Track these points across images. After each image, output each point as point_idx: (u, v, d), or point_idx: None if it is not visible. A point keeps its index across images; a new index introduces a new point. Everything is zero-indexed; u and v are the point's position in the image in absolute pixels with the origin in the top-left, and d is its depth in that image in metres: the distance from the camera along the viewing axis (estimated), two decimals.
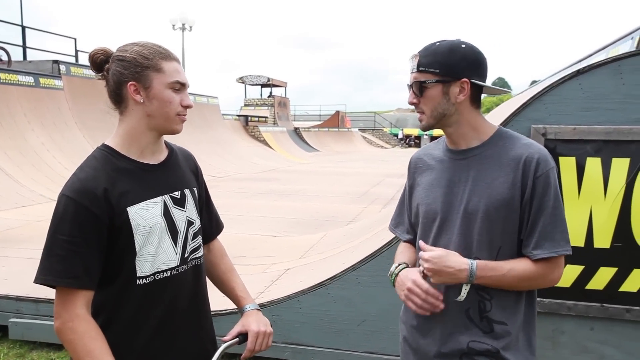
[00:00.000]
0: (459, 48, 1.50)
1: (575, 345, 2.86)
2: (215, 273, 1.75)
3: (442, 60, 1.49)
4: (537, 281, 1.51)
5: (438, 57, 1.50)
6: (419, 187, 1.68)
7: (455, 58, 1.49)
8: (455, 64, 1.49)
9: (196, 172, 1.68)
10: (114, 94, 1.46)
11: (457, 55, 1.49)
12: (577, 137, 2.65)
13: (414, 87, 1.54)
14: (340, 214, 8.67)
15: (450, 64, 1.49)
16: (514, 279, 1.48)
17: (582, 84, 2.66)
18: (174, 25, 25.52)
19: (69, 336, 1.34)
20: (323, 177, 15.39)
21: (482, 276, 1.46)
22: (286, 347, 3.40)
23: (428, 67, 1.50)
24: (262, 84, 33.43)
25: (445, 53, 1.49)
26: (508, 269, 1.48)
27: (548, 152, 1.52)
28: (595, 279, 2.73)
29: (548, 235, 1.47)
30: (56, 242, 1.34)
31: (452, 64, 1.49)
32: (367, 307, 3.23)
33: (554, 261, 1.50)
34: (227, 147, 19.30)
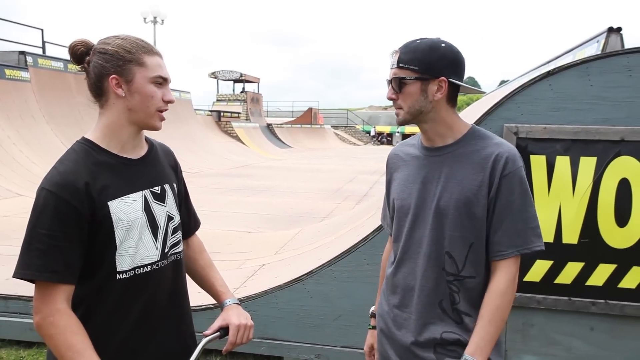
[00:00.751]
0: (439, 47, 1.54)
1: (544, 338, 2.96)
2: (194, 269, 1.75)
3: (422, 58, 1.52)
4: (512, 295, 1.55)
5: (418, 54, 1.53)
6: (395, 183, 1.73)
7: (434, 56, 1.53)
8: (435, 63, 1.52)
9: (175, 168, 1.69)
10: (94, 87, 1.45)
11: (436, 54, 1.53)
12: (547, 136, 2.73)
13: (393, 82, 1.58)
14: (315, 210, 8.70)
15: (430, 62, 1.52)
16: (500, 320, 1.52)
17: (552, 84, 2.74)
18: (145, 18, 25.06)
19: (49, 331, 1.33)
20: (296, 174, 15.39)
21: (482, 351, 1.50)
22: (262, 342, 3.42)
23: (408, 63, 1.53)
24: (234, 80, 33.21)
25: (426, 51, 1.53)
26: (487, 318, 1.52)
27: (518, 152, 1.57)
28: (563, 274, 2.83)
29: (519, 233, 1.52)
30: (36, 236, 1.32)
31: (431, 62, 1.52)
32: (343, 302, 3.27)
33: (518, 260, 1.55)
34: (200, 143, 19.12)
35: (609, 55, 2.69)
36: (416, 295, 1.63)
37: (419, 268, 1.62)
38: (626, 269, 2.76)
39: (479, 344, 1.51)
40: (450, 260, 1.57)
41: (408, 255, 1.66)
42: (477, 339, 1.51)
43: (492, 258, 1.56)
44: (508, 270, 1.54)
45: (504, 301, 1.52)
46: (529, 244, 1.53)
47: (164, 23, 25.08)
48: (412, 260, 1.64)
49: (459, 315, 1.59)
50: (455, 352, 1.57)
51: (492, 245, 1.55)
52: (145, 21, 25.04)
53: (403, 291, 1.67)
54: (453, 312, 1.59)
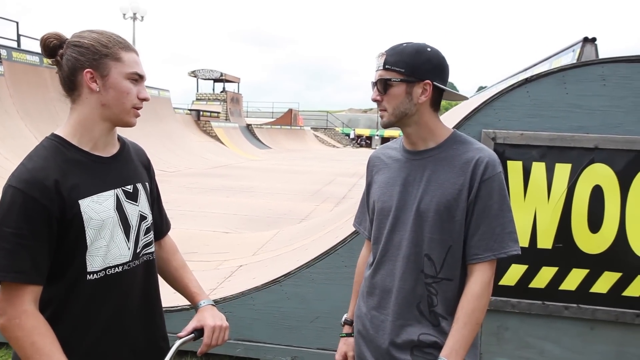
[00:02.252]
0: (425, 51, 1.56)
1: (518, 341, 3.00)
2: (167, 270, 1.72)
3: (408, 61, 1.54)
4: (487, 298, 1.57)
5: (404, 57, 1.55)
6: (375, 185, 1.74)
7: (420, 60, 1.54)
8: (420, 66, 1.54)
9: (148, 167, 1.66)
10: (67, 81, 1.41)
11: (422, 57, 1.55)
12: (523, 142, 2.77)
13: (378, 84, 1.59)
14: (293, 211, 8.69)
15: (416, 65, 1.54)
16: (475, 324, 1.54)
17: (530, 91, 2.79)
18: (124, 14, 24.72)
19: (15, 333, 1.29)
20: (275, 175, 15.35)
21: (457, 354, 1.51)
22: (238, 344, 3.39)
23: (394, 65, 1.55)
24: (214, 79, 33.00)
25: (412, 54, 1.55)
26: (462, 321, 1.54)
27: (497, 157, 1.60)
28: (537, 278, 2.87)
29: (496, 237, 1.54)
30: (2, 235, 1.28)
31: (417, 65, 1.54)
32: (320, 304, 3.27)
33: (494, 264, 1.57)
34: (178, 142, 18.94)
35: (585, 64, 2.74)
36: (394, 297, 1.63)
37: (397, 270, 1.63)
38: (598, 274, 2.81)
39: (454, 346, 1.52)
40: (429, 263, 1.58)
41: (387, 257, 1.67)
42: (452, 342, 1.53)
43: (468, 261, 1.57)
44: (484, 274, 1.56)
45: (479, 304, 1.54)
46: (505, 249, 1.55)
47: (143, 20, 24.79)
48: (391, 262, 1.65)
49: (436, 318, 1.60)
50: (432, 354, 1.58)
51: (469, 249, 1.57)
52: (124, 17, 24.70)
53: (381, 293, 1.68)
54: (430, 314, 1.60)
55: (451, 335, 1.54)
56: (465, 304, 1.54)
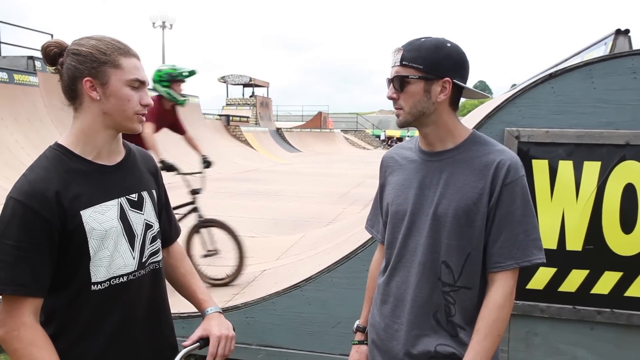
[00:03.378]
0: (445, 46, 1.48)
1: (548, 347, 2.88)
2: (175, 276, 1.70)
3: (427, 57, 1.46)
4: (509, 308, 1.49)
5: (423, 52, 1.46)
6: (389, 187, 1.66)
7: (440, 56, 1.46)
8: (440, 62, 1.46)
9: (155, 174, 1.63)
10: (68, 90, 1.40)
11: (442, 53, 1.46)
12: (549, 140, 2.66)
13: (394, 81, 1.51)
14: (320, 214, 8.64)
15: (435, 61, 1.46)
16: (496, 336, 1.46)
17: (555, 87, 2.67)
18: (154, 23, 25.19)
19: (14, 345, 1.28)
20: (304, 178, 15.34)
21: None
22: (260, 350, 3.36)
23: (412, 61, 1.47)
24: (244, 84, 33.28)
25: (431, 49, 1.46)
26: (483, 333, 1.45)
27: (520, 160, 1.51)
28: (567, 282, 2.75)
29: (519, 244, 1.45)
30: (2, 247, 1.27)
31: (436, 61, 1.46)
32: (341, 309, 3.21)
33: (516, 273, 1.49)
34: (208, 147, 19.00)
35: (613, 57, 2.61)
36: (409, 305, 1.56)
37: (412, 277, 1.56)
38: (633, 277, 2.67)
39: (475, 358, 1.44)
40: (447, 270, 1.51)
41: (402, 263, 1.59)
42: (472, 354, 1.45)
43: (489, 269, 1.49)
44: (506, 283, 1.47)
45: (501, 315, 1.46)
46: (529, 257, 1.46)
47: (172, 28, 25.22)
48: (406, 268, 1.58)
49: (454, 328, 1.52)
50: None
51: (490, 257, 1.48)
52: (154, 26, 25.18)
53: (395, 301, 1.61)
54: (448, 324, 1.52)
55: (471, 347, 1.46)
56: (486, 314, 1.46)
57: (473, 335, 1.47)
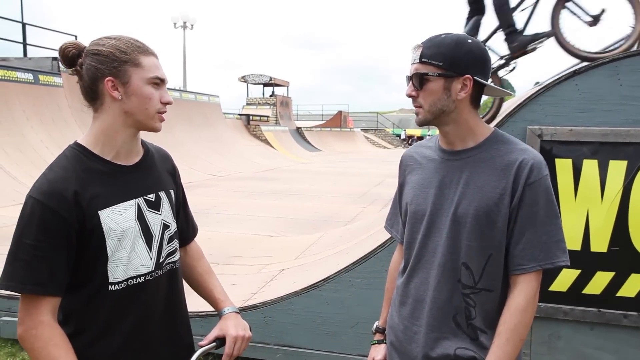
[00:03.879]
0: (466, 42, 1.44)
1: (572, 351, 2.81)
2: (192, 276, 1.69)
3: (447, 53, 1.42)
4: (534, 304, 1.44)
5: (443, 49, 1.42)
6: (408, 186, 1.63)
7: (460, 52, 1.42)
8: (460, 59, 1.42)
9: (173, 173, 1.63)
10: (88, 90, 1.39)
11: (463, 50, 1.42)
12: (573, 138, 2.60)
13: (414, 79, 1.47)
14: (339, 214, 8.62)
15: (455, 58, 1.42)
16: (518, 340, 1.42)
17: (579, 84, 2.61)
18: (175, 23, 25.48)
19: (32, 344, 1.28)
20: (324, 177, 15.34)
21: None
22: (278, 349, 3.35)
23: (432, 58, 1.43)
24: (264, 83, 33.39)
25: (451, 46, 1.42)
26: (505, 337, 1.41)
27: (543, 159, 1.46)
28: (592, 284, 2.69)
29: (542, 246, 1.41)
30: (21, 246, 1.28)
31: (457, 58, 1.42)
32: (360, 309, 3.18)
33: (539, 275, 1.44)
34: (228, 146, 19.26)
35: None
36: (428, 307, 1.53)
37: (432, 278, 1.52)
38: None
39: None
40: (467, 272, 1.47)
41: (421, 264, 1.56)
42: (492, 359, 1.41)
43: (511, 272, 1.45)
44: (528, 286, 1.42)
45: (523, 319, 1.41)
46: (552, 259, 1.41)
47: (193, 28, 25.45)
48: (425, 269, 1.55)
49: (475, 331, 1.48)
50: None
51: (512, 259, 1.44)
52: (175, 26, 25.45)
53: (414, 302, 1.58)
54: (468, 327, 1.48)
55: (492, 351, 1.42)
56: (508, 318, 1.42)
57: (494, 340, 1.43)
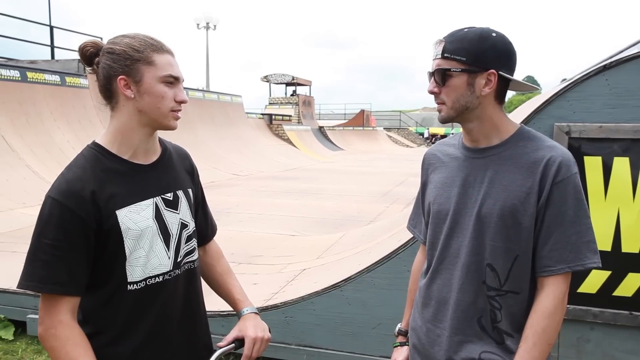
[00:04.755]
0: (490, 36, 1.38)
1: (602, 355, 2.72)
2: (211, 276, 1.68)
3: (470, 48, 1.37)
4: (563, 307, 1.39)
5: (466, 44, 1.38)
6: (431, 185, 1.59)
7: (484, 46, 1.37)
8: (484, 53, 1.37)
9: (192, 172, 1.61)
10: (104, 89, 1.39)
11: (486, 44, 1.37)
12: (603, 135, 2.51)
13: (436, 75, 1.42)
14: (361, 213, 8.56)
15: (479, 53, 1.37)
16: (546, 344, 1.37)
17: (609, 79, 2.52)
18: (198, 24, 25.71)
19: (51, 343, 1.29)
20: (346, 176, 15.29)
21: None
22: (300, 350, 3.33)
23: (454, 53, 1.38)
24: (286, 83, 33.46)
25: (474, 40, 1.37)
26: (532, 341, 1.36)
27: (572, 156, 1.40)
28: (623, 285, 2.60)
29: (571, 247, 1.35)
30: (40, 246, 1.28)
31: (480, 52, 1.37)
32: (382, 310, 3.14)
33: (568, 277, 1.39)
34: (251, 146, 19.34)
35: None
36: (451, 310, 1.48)
37: (455, 280, 1.48)
38: None
39: None
40: (493, 274, 1.42)
41: (444, 265, 1.51)
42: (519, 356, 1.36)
43: (539, 274, 1.39)
44: (557, 288, 1.37)
45: (551, 322, 1.36)
46: (582, 260, 1.35)
47: (216, 28, 25.64)
48: (448, 271, 1.50)
49: (500, 335, 1.43)
50: None
51: (540, 260, 1.38)
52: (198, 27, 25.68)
53: (437, 304, 1.53)
54: (493, 330, 1.43)
55: (519, 355, 1.36)
56: (536, 321, 1.36)
57: (521, 344, 1.38)
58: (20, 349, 3.82)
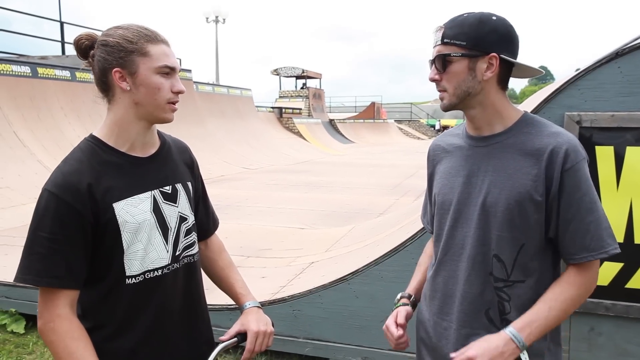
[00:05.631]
0: (490, 20, 1.35)
1: (614, 348, 2.68)
2: (213, 270, 1.67)
3: (470, 32, 1.34)
4: (584, 295, 1.37)
5: (465, 28, 1.35)
6: (437, 176, 1.56)
7: (484, 30, 1.34)
8: (484, 37, 1.34)
9: (191, 165, 1.59)
10: (100, 82, 1.37)
11: (486, 27, 1.35)
12: (615, 124, 2.45)
13: (436, 61, 1.40)
14: (371, 206, 8.52)
15: (479, 37, 1.34)
16: (562, 311, 1.35)
17: (622, 67, 2.45)
18: (207, 17, 25.70)
19: (50, 337, 1.28)
20: (356, 169, 15.24)
21: (529, 333, 1.33)
22: (307, 343, 3.32)
23: (454, 39, 1.36)
24: (296, 76, 33.38)
25: (474, 24, 1.35)
26: (548, 307, 1.34)
27: (579, 141, 1.36)
28: (636, 278, 2.55)
29: (592, 235, 1.33)
30: (37, 239, 1.27)
31: (480, 36, 1.34)
32: (390, 303, 3.07)
33: (595, 264, 1.36)
34: (261, 139, 19.35)
35: None
36: (458, 302, 1.46)
37: (461, 272, 1.45)
38: None
39: (530, 323, 1.33)
40: (499, 265, 1.39)
41: (448, 257, 1.49)
42: (529, 318, 1.34)
43: (566, 262, 1.39)
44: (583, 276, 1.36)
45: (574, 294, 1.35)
46: (605, 247, 1.33)
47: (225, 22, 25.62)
48: (453, 262, 1.48)
49: None
50: None
51: (563, 249, 1.37)
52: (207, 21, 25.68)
53: (443, 297, 1.51)
54: (502, 322, 1.40)
55: (531, 311, 1.35)
56: (558, 288, 1.35)
57: (536, 303, 1.36)
58: (31, 342, 3.86)
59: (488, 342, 1.33)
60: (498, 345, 1.31)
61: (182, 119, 12.95)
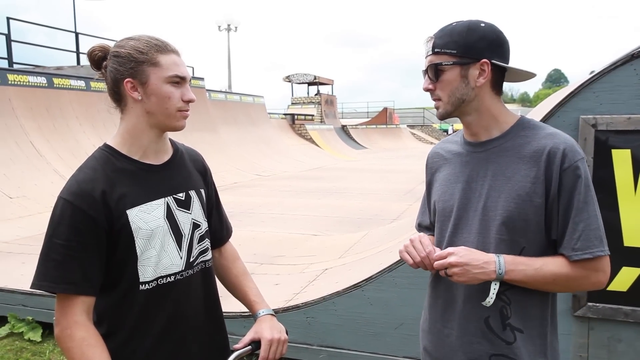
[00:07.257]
0: (478, 27, 1.38)
1: (635, 355, 2.63)
2: (227, 278, 1.67)
3: (459, 40, 1.37)
4: (576, 282, 1.36)
5: (455, 36, 1.38)
6: (436, 184, 1.57)
7: (473, 37, 1.37)
8: (474, 44, 1.37)
9: (204, 173, 1.61)
10: (112, 92, 1.41)
11: (475, 35, 1.37)
12: (632, 127, 2.42)
13: (429, 71, 1.43)
14: (384, 212, 8.49)
15: (468, 44, 1.37)
16: (549, 276, 1.34)
17: (637, 69, 2.42)
18: (219, 26, 25.93)
19: (67, 344, 1.29)
20: (369, 175, 15.21)
21: (512, 270, 1.33)
22: (321, 350, 3.30)
23: (444, 48, 1.38)
24: (308, 82, 33.48)
25: (463, 32, 1.37)
26: (540, 264, 1.34)
27: (575, 142, 1.37)
28: None
29: (582, 235, 1.32)
30: (53, 246, 1.29)
31: (470, 43, 1.37)
32: (404, 310, 3.09)
33: (595, 262, 1.34)
34: (273, 146, 19.40)
35: None
36: (458, 309, 1.45)
37: None
38: None
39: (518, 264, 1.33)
40: None
41: None
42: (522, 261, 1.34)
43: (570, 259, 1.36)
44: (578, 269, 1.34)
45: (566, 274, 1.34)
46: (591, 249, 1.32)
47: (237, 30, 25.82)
48: None
49: (512, 333, 1.39)
50: None
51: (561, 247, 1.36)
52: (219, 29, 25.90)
53: (444, 303, 1.51)
54: (504, 329, 1.39)
55: (525, 258, 1.34)
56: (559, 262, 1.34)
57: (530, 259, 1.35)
58: (47, 350, 3.89)
59: (473, 253, 1.34)
60: (480, 259, 1.33)
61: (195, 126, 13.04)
